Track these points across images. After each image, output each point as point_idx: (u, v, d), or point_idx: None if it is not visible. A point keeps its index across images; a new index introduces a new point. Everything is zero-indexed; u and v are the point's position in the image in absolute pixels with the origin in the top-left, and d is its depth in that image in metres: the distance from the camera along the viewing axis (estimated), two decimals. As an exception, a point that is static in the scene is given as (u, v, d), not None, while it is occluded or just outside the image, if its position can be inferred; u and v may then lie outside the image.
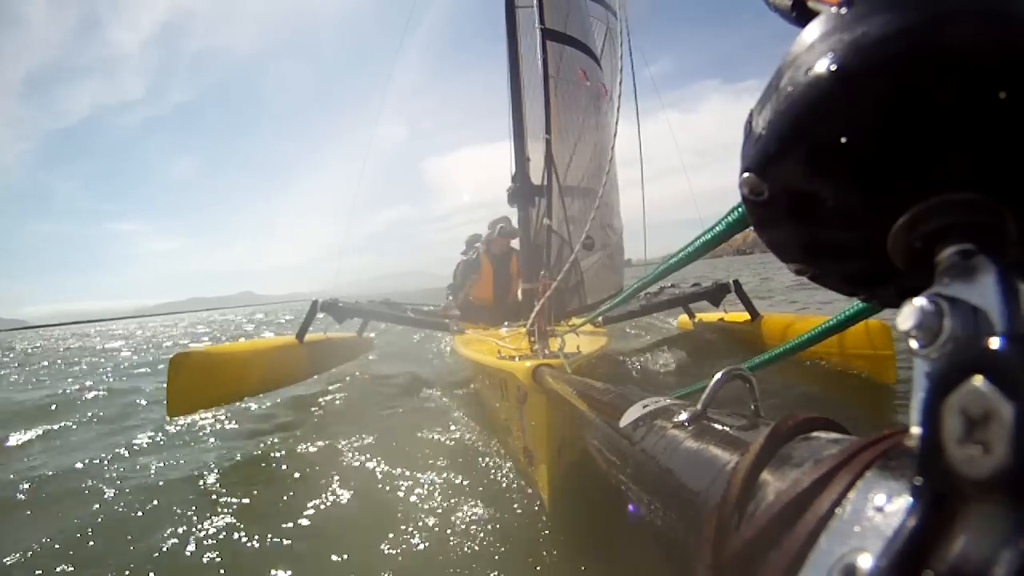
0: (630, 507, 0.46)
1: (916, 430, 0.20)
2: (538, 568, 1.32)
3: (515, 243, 4.24)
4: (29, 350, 13.55)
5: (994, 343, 0.16)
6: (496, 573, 1.32)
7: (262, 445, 2.51)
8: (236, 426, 2.87)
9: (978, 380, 0.16)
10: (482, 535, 1.48)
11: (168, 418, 2.58)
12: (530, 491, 1.65)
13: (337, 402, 3.30)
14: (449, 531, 1.51)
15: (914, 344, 0.21)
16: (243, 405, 3.02)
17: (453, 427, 2.49)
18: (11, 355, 11.46)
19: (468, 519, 1.58)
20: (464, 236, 4.69)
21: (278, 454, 2.30)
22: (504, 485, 1.77)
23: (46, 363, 7.93)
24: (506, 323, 3.31)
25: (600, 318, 2.90)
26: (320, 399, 3.35)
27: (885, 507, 0.20)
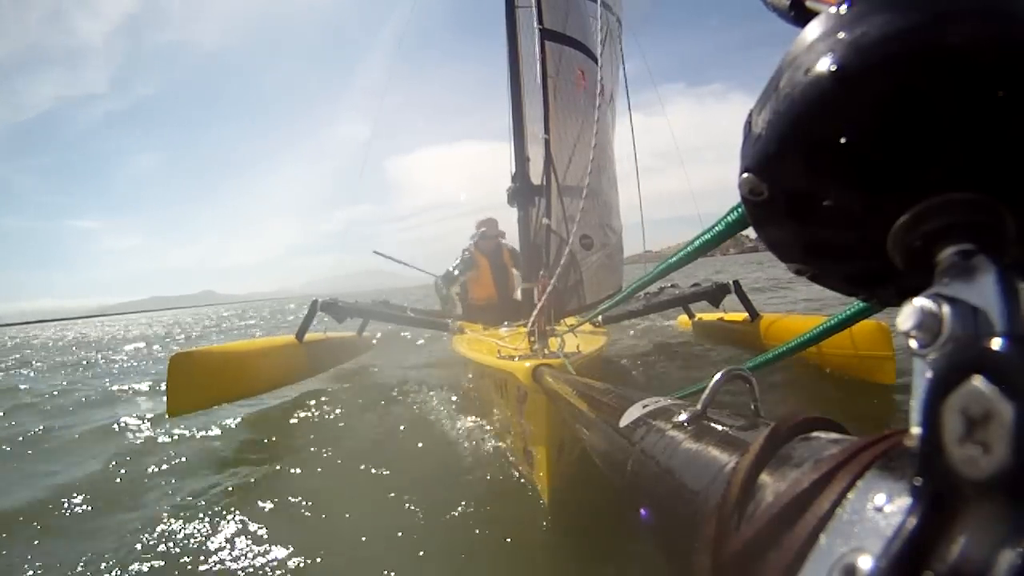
0: (642, 512, 0.46)
1: (916, 430, 0.20)
2: (538, 568, 1.32)
3: (506, 240, 4.29)
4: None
5: (994, 343, 0.16)
6: (496, 573, 1.32)
7: (263, 447, 2.51)
8: (237, 426, 2.87)
9: (978, 380, 0.16)
10: (482, 535, 1.48)
11: (169, 418, 2.58)
12: (530, 491, 1.66)
13: (337, 402, 3.30)
14: (449, 531, 1.51)
15: (914, 344, 0.21)
16: (242, 403, 3.02)
17: (453, 427, 2.49)
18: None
19: (468, 519, 1.58)
20: (424, 236, 4.77)
21: (275, 455, 2.30)
22: (504, 485, 1.77)
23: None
24: (506, 323, 3.31)
25: (600, 318, 2.90)
26: (320, 399, 3.35)
27: (885, 507, 0.20)
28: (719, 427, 0.43)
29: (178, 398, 2.55)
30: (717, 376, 0.46)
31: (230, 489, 1.98)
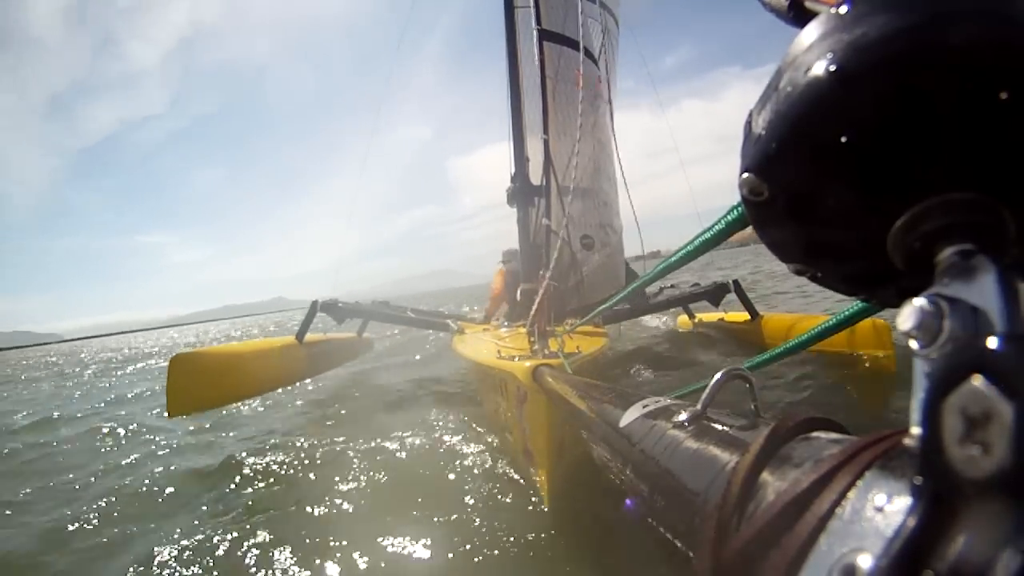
0: (627, 502, 0.46)
1: (916, 430, 0.20)
2: (538, 568, 1.32)
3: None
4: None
5: (994, 343, 0.16)
6: (496, 573, 1.32)
7: (263, 449, 2.51)
8: (239, 427, 2.88)
9: (978, 380, 0.16)
10: (482, 536, 1.48)
11: (168, 417, 2.58)
12: (530, 491, 1.65)
13: (337, 403, 3.30)
14: (449, 531, 1.51)
15: (914, 344, 0.21)
16: (245, 405, 3.03)
17: (452, 427, 2.49)
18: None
19: (468, 519, 1.58)
20: (489, 234, 4.72)
21: (274, 456, 2.30)
22: (504, 485, 1.77)
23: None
24: (506, 323, 3.31)
25: (600, 318, 2.89)
26: (320, 399, 3.35)
27: (885, 507, 0.20)
28: (719, 427, 0.43)
29: (178, 399, 2.54)
30: (717, 376, 0.46)
31: (231, 490, 1.98)
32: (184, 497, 2.02)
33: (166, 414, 2.53)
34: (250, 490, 1.99)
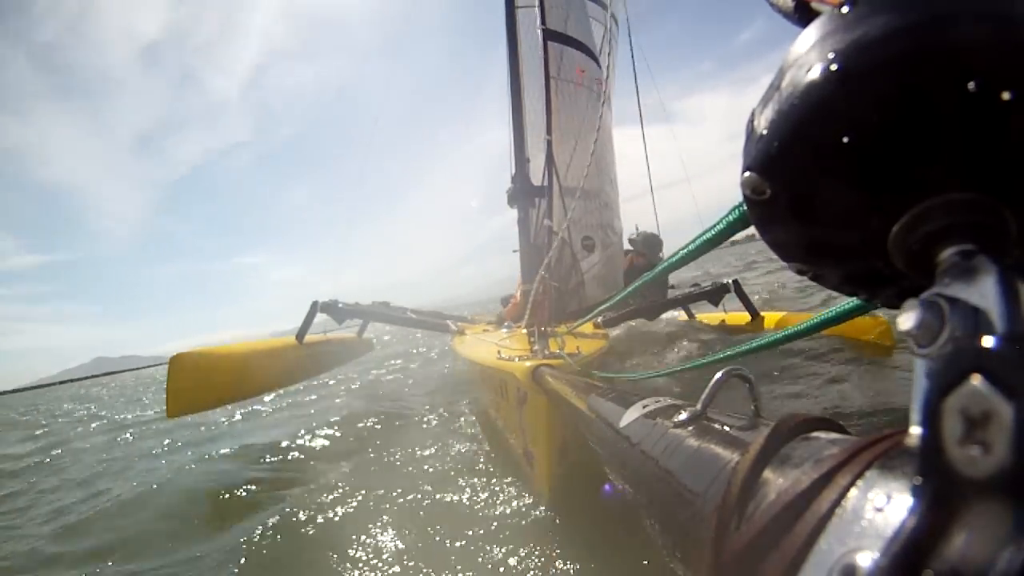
0: (605, 487, 0.47)
1: (916, 430, 0.20)
2: (538, 569, 1.32)
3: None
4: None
5: (994, 343, 0.16)
6: (496, 573, 1.32)
7: (264, 454, 2.51)
8: (241, 429, 2.88)
9: (978, 380, 0.16)
10: (482, 536, 1.48)
11: (168, 418, 2.57)
12: (530, 492, 1.65)
13: (338, 403, 3.30)
14: (448, 532, 1.51)
15: (914, 344, 0.21)
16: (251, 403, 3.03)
17: (452, 427, 2.49)
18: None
19: (467, 520, 1.57)
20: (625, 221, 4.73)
21: (273, 457, 2.30)
22: (504, 486, 1.77)
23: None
24: (506, 324, 3.30)
25: (600, 319, 2.89)
26: (319, 400, 3.35)
27: (885, 507, 0.20)
28: (719, 427, 0.43)
29: (178, 399, 2.54)
30: (717, 376, 0.46)
31: (233, 495, 1.98)
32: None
33: (167, 416, 2.53)
34: (240, 498, 1.99)
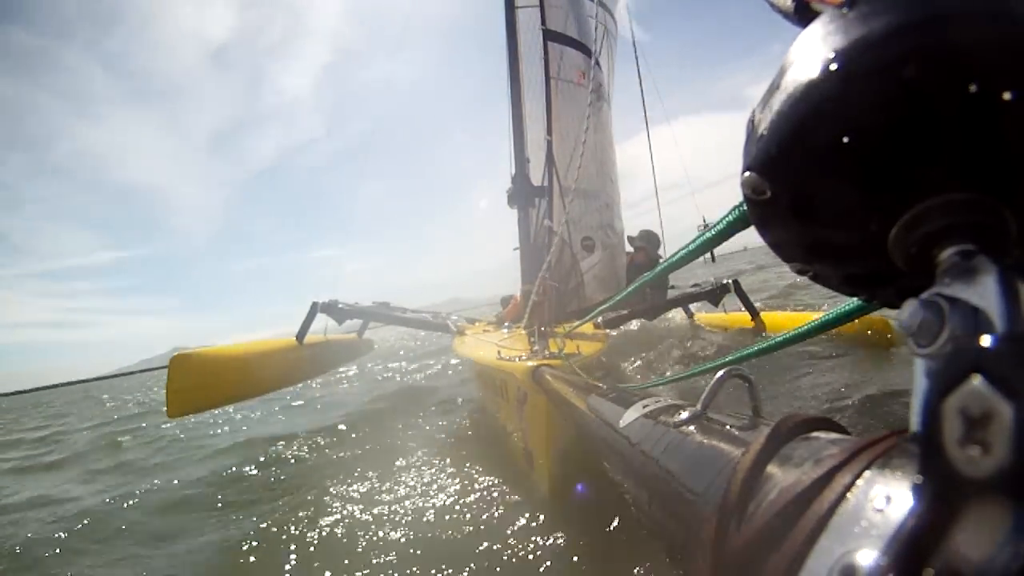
0: (578, 487, 0.47)
1: (916, 430, 0.20)
2: (538, 569, 1.32)
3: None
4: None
5: (994, 343, 0.16)
6: (496, 573, 1.32)
7: (264, 456, 2.51)
8: (241, 431, 2.88)
9: (977, 380, 0.16)
10: (482, 536, 1.48)
11: (169, 418, 2.57)
12: (530, 491, 1.65)
13: (338, 401, 3.30)
14: (448, 532, 1.51)
15: (914, 344, 0.21)
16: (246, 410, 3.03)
17: (452, 427, 2.49)
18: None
19: (467, 520, 1.57)
20: (655, 221, 4.76)
21: (275, 460, 2.30)
22: (504, 486, 1.77)
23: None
24: (507, 324, 3.30)
25: (599, 319, 2.89)
26: (320, 398, 3.35)
27: (885, 507, 0.20)
28: (719, 427, 0.43)
29: (178, 400, 2.54)
30: (717, 376, 0.46)
31: (236, 494, 1.98)
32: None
33: (167, 416, 2.53)
34: (241, 500, 1.99)
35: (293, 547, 1.50)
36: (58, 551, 1.80)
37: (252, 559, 1.51)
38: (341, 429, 2.95)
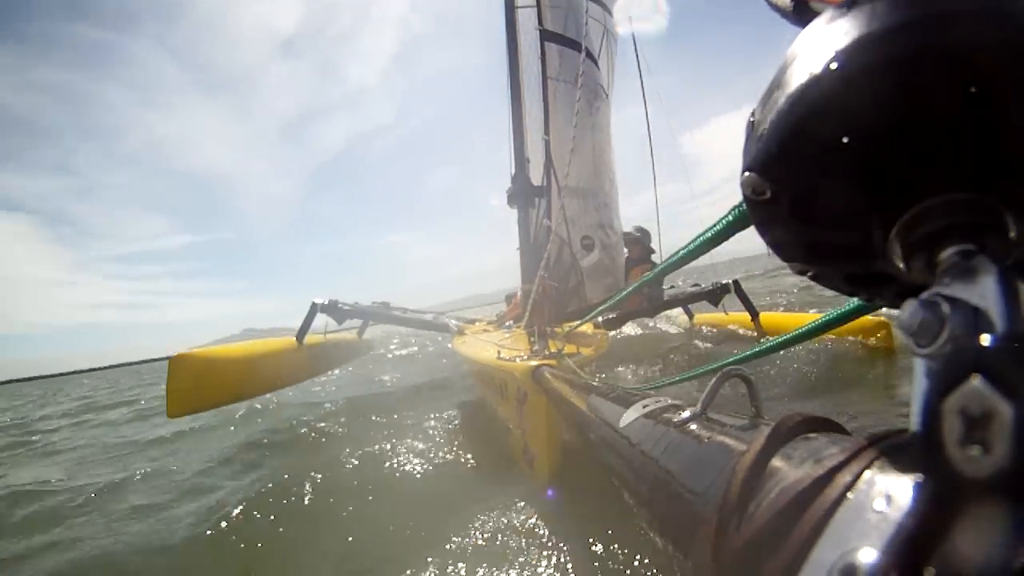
0: (548, 492, 0.47)
1: (916, 430, 0.20)
2: (537, 568, 1.32)
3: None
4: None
5: (994, 343, 0.16)
6: (496, 573, 1.32)
7: (262, 453, 2.51)
8: (238, 429, 2.88)
9: (978, 380, 0.16)
10: (481, 536, 1.48)
11: (169, 418, 2.57)
12: (530, 491, 1.65)
13: (338, 401, 3.30)
14: (448, 532, 1.51)
15: (914, 344, 0.21)
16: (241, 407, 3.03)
17: (452, 427, 2.49)
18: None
19: (467, 520, 1.57)
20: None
21: (272, 456, 2.30)
22: (503, 485, 1.77)
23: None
24: (508, 323, 3.30)
25: (599, 319, 2.89)
26: (319, 398, 3.35)
27: (885, 507, 0.20)
28: (719, 427, 0.43)
29: (178, 400, 2.53)
30: (717, 376, 0.46)
31: (238, 487, 1.97)
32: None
33: (167, 416, 2.52)
34: (240, 498, 1.99)
35: (285, 541, 1.50)
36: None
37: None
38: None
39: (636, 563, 1.23)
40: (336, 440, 2.55)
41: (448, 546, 1.44)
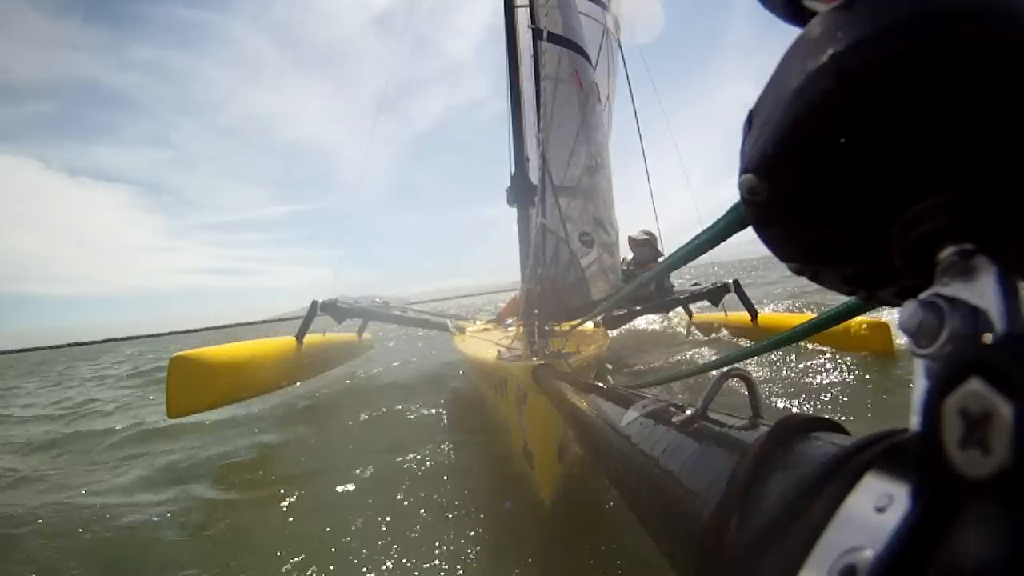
0: (507, 504, 0.47)
1: (916, 430, 0.20)
2: (537, 568, 1.32)
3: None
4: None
5: (993, 343, 0.16)
6: (496, 572, 1.32)
7: (259, 452, 2.51)
8: (236, 428, 2.88)
9: (977, 380, 0.16)
10: (481, 535, 1.48)
11: (168, 419, 2.57)
12: (530, 491, 1.65)
13: (336, 400, 3.30)
14: (447, 532, 1.51)
15: (914, 344, 0.21)
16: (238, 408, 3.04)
17: (452, 427, 2.49)
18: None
19: (466, 520, 1.57)
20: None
21: (269, 455, 2.30)
22: (503, 486, 1.77)
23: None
24: (508, 322, 3.31)
25: (599, 318, 2.89)
26: (318, 397, 3.35)
27: (885, 507, 0.20)
28: (719, 428, 0.43)
29: (178, 400, 2.54)
30: (717, 376, 0.46)
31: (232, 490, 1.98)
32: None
33: (167, 417, 2.53)
34: (240, 497, 1.99)
35: (283, 541, 1.50)
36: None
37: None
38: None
39: (636, 563, 1.23)
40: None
41: (447, 548, 1.44)
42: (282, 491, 1.90)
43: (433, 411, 2.83)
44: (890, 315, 3.05)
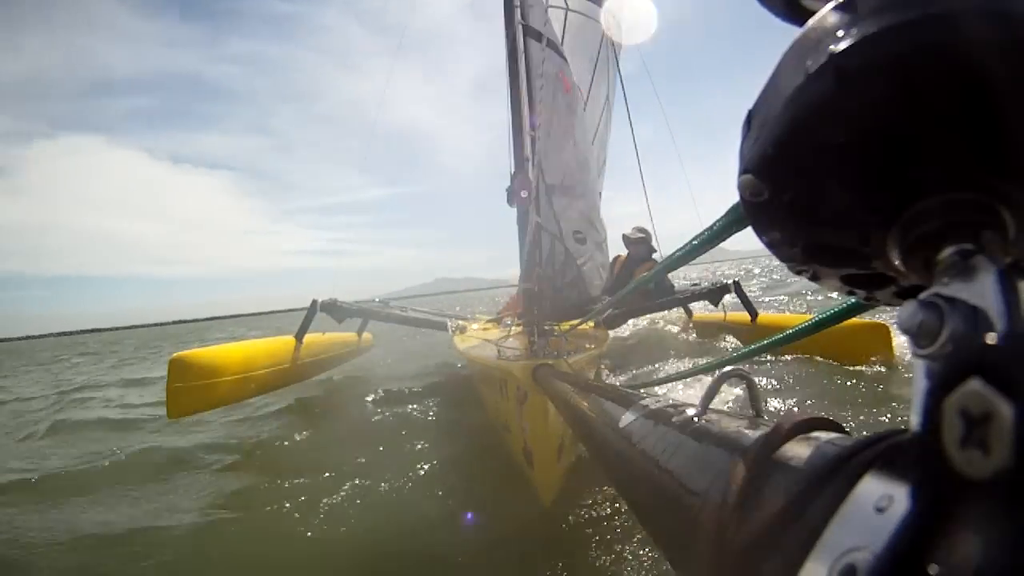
0: (467, 516, 0.47)
1: (916, 430, 0.20)
2: (537, 568, 1.32)
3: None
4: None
5: (994, 343, 0.16)
6: (496, 572, 1.32)
7: (257, 451, 2.51)
8: (235, 427, 2.88)
9: (978, 380, 0.16)
10: (481, 536, 1.48)
11: (168, 419, 2.57)
12: (530, 491, 1.65)
13: (334, 401, 3.30)
14: (447, 532, 1.51)
15: (914, 345, 0.21)
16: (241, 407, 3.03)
17: (452, 427, 2.49)
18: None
19: (466, 520, 1.57)
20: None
21: (267, 455, 2.30)
22: (503, 486, 1.77)
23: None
24: (508, 322, 3.31)
25: (599, 317, 2.89)
26: (316, 398, 3.35)
27: (885, 508, 0.20)
28: (719, 427, 0.43)
29: (178, 400, 2.53)
30: (717, 376, 0.46)
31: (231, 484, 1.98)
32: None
33: (167, 417, 2.52)
34: (238, 495, 1.99)
35: (284, 541, 1.50)
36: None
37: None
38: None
39: (635, 563, 1.23)
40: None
41: (447, 547, 1.44)
42: (279, 490, 1.90)
43: (433, 411, 2.83)
44: (890, 316, 3.05)
